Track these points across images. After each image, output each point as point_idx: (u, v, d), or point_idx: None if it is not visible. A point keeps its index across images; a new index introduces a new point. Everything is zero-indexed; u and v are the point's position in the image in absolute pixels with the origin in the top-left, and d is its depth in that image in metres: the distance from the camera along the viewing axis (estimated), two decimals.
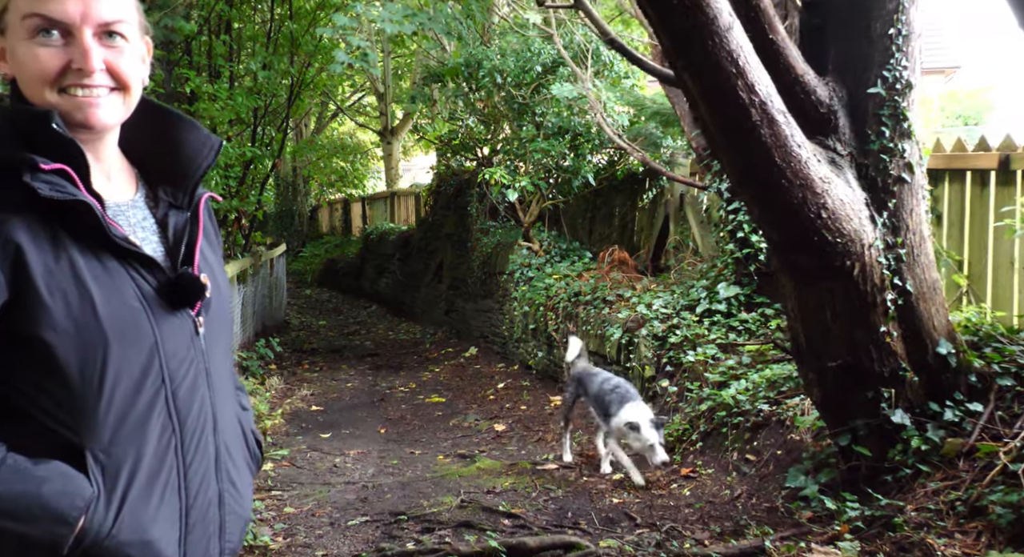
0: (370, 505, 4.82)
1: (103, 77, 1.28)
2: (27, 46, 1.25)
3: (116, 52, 1.29)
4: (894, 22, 3.57)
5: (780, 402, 4.79)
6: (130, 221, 1.35)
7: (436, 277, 12.44)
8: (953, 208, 5.02)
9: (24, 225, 1.19)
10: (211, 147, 1.44)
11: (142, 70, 1.37)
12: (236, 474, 1.42)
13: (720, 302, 6.06)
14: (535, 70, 8.69)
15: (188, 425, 1.31)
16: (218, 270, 1.46)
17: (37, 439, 1.21)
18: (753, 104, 3.30)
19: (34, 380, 1.20)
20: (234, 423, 1.45)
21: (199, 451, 1.33)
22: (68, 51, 1.25)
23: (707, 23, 3.17)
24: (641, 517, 4.33)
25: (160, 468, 1.27)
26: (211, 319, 1.38)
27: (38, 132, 1.24)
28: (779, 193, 3.44)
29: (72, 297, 1.19)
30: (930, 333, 3.71)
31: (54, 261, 1.19)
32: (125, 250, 1.26)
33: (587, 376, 5.48)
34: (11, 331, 1.18)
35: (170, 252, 1.37)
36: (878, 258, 3.61)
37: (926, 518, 3.29)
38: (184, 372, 1.31)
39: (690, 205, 7.75)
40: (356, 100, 23.14)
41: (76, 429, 1.21)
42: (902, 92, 3.62)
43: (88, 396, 1.20)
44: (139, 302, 1.26)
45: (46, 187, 1.19)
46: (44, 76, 1.25)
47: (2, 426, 1.22)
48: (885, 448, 3.72)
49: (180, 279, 1.32)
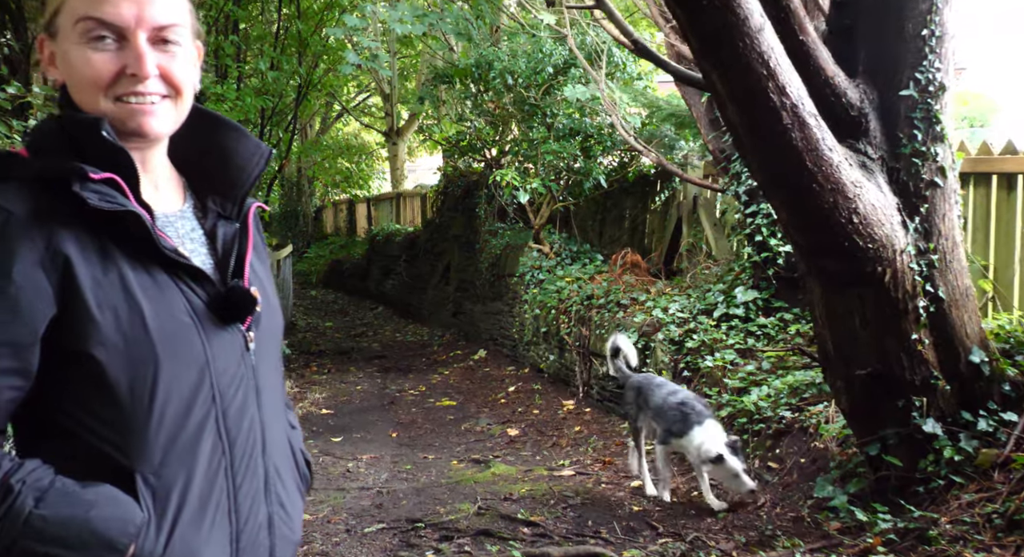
0: (386, 511, 4.75)
1: (157, 83, 1.23)
2: (80, 50, 1.20)
3: (170, 57, 1.24)
4: (927, 22, 3.49)
5: (803, 409, 4.71)
6: (179, 232, 1.30)
7: (443, 279, 12.37)
8: (978, 212, 4.95)
9: (73, 236, 1.14)
10: (261, 155, 1.38)
11: (194, 76, 1.31)
12: (286, 496, 1.35)
13: (738, 306, 5.98)
14: (546, 71, 8.62)
15: (238, 446, 1.25)
16: (267, 283, 1.40)
17: (85, 461, 1.15)
18: (784, 107, 3.24)
19: (82, 399, 1.15)
20: (284, 443, 1.39)
21: (249, 473, 1.27)
22: (122, 56, 1.20)
23: (738, 24, 3.10)
24: (663, 526, 4.26)
25: (211, 491, 1.21)
26: (261, 334, 1.32)
27: (87, 140, 1.19)
28: (809, 197, 3.38)
29: (122, 311, 1.14)
30: (962, 341, 3.64)
31: (103, 274, 1.15)
32: (175, 262, 1.21)
33: (648, 386, 4.90)
34: (59, 347, 1.14)
35: (219, 265, 1.31)
36: (910, 264, 3.54)
37: (962, 531, 3.22)
38: (234, 390, 1.25)
39: (703, 208, 7.68)
40: (361, 100, 23.08)
41: (125, 450, 1.16)
42: (935, 94, 3.55)
43: (138, 415, 1.15)
44: (189, 317, 1.20)
45: (95, 197, 1.14)
46: (97, 82, 1.20)
47: (48, 447, 1.16)
48: (916, 458, 3.65)
49: (231, 293, 1.26)
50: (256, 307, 1.29)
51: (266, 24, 13.25)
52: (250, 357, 1.29)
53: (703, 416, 4.42)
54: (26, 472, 1.11)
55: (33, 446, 1.18)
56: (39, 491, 1.10)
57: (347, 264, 17.33)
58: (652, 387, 4.86)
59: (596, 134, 8.63)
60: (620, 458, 5.66)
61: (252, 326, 1.30)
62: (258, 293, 1.30)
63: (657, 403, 4.73)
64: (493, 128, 10.16)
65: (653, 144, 7.94)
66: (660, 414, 4.68)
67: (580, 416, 6.91)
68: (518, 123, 9.54)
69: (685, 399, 4.59)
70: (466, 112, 10.27)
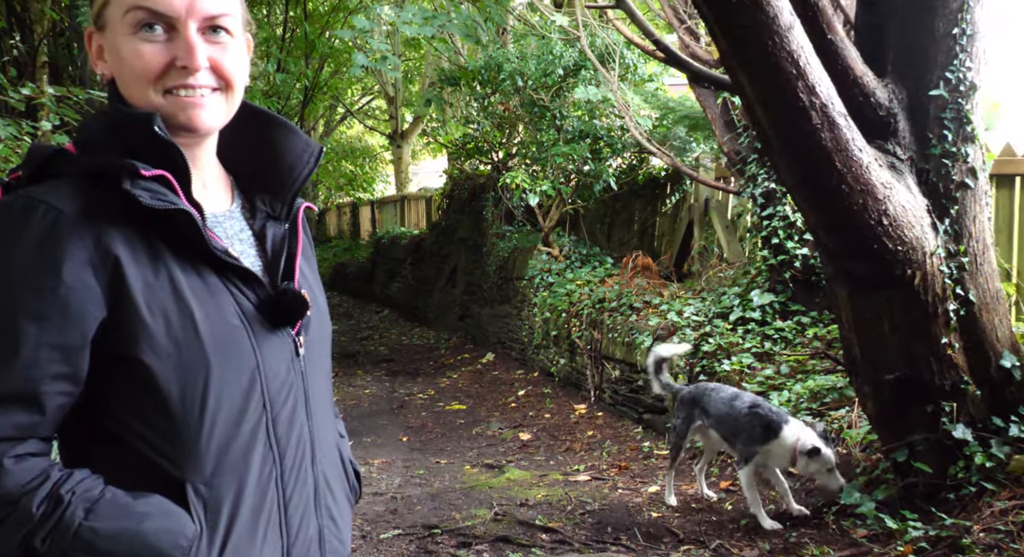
0: (401, 517, 4.68)
1: (207, 76, 1.17)
2: (129, 42, 1.14)
3: (220, 48, 1.19)
4: (958, 21, 3.44)
5: (824, 414, 4.65)
6: (227, 233, 1.25)
7: (450, 282, 12.31)
8: (1001, 214, 4.89)
9: (122, 236, 1.09)
10: (311, 154, 1.32)
11: (246, 68, 1.25)
12: (336, 509, 1.29)
13: (754, 310, 5.92)
14: (557, 73, 8.57)
15: (288, 455, 1.19)
16: (316, 285, 1.34)
17: (134, 471, 1.10)
18: (813, 106, 3.18)
19: (132, 405, 1.10)
20: (334, 452, 1.32)
21: (299, 484, 1.21)
22: (172, 47, 1.15)
23: (767, 22, 3.05)
24: (684, 533, 4.19)
25: (262, 503, 1.15)
26: (311, 339, 1.26)
27: (138, 135, 1.13)
28: (838, 198, 3.32)
29: (173, 315, 1.09)
30: (993, 345, 3.58)
31: (153, 276, 1.09)
32: (225, 263, 1.16)
33: (705, 394, 4.42)
34: (108, 352, 1.08)
35: (268, 267, 1.25)
36: (940, 267, 3.48)
37: (996, 540, 3.15)
38: (284, 397, 1.19)
39: (715, 210, 7.62)
40: (365, 103, 23.05)
41: (176, 460, 1.10)
42: (966, 94, 3.49)
43: (189, 423, 1.10)
44: (240, 320, 1.15)
45: (147, 195, 1.09)
46: (147, 74, 1.14)
47: (98, 456, 1.11)
48: (945, 465, 3.58)
49: (282, 296, 1.20)
50: (307, 310, 1.23)
51: (272, 26, 13.21)
52: (299, 363, 1.23)
53: (783, 414, 4.09)
54: (75, 482, 1.06)
55: (81, 454, 1.13)
56: (89, 502, 1.05)
57: (351, 267, 17.27)
58: (709, 395, 4.40)
59: (606, 136, 8.57)
60: (635, 463, 5.60)
61: (302, 331, 1.25)
62: (308, 296, 1.24)
63: (721, 412, 4.26)
64: (500, 131, 10.11)
65: (665, 146, 7.88)
66: (729, 424, 4.22)
67: (593, 420, 6.84)
68: (526, 125, 9.48)
69: (755, 401, 4.19)
70: (473, 114, 10.23)
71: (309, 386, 1.25)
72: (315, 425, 1.25)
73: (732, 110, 6.33)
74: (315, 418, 1.25)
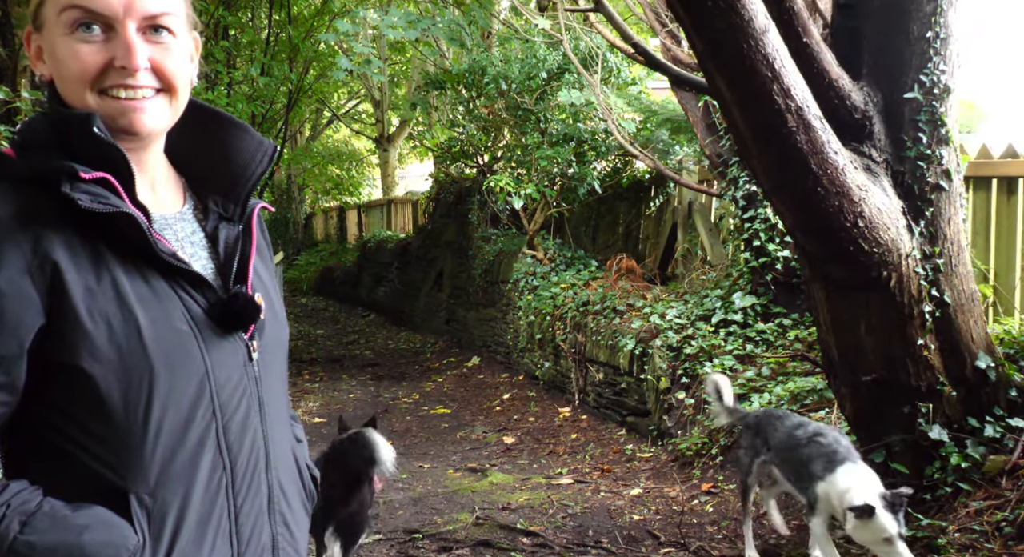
0: (383, 522, 4.67)
1: (148, 77, 1.14)
2: (65, 42, 1.12)
3: (162, 49, 1.16)
4: (932, 24, 3.46)
5: (804, 416, 4.66)
6: (177, 235, 1.22)
7: (436, 285, 12.30)
8: (978, 216, 4.92)
9: (63, 241, 1.06)
10: (264, 153, 1.29)
11: (190, 70, 1.22)
12: (291, 516, 1.27)
13: (736, 312, 5.94)
14: (540, 76, 8.58)
15: (240, 463, 1.17)
16: (271, 288, 1.31)
17: (75, 481, 1.08)
18: (789, 109, 3.19)
19: (73, 414, 1.07)
20: (289, 458, 1.31)
21: (251, 491, 1.19)
22: (110, 48, 1.12)
23: (742, 26, 3.05)
24: (665, 535, 4.20)
25: (210, 512, 1.13)
26: (265, 343, 1.24)
27: (78, 137, 1.10)
28: (814, 201, 3.32)
29: (116, 321, 1.06)
30: (968, 346, 3.60)
31: (96, 281, 1.07)
32: (173, 267, 1.13)
33: (768, 421, 3.73)
34: (47, 359, 1.05)
35: (221, 269, 1.23)
36: (915, 268, 3.50)
37: (971, 540, 3.17)
38: (236, 403, 1.17)
39: (699, 213, 7.64)
40: (351, 107, 23.01)
41: (119, 469, 1.08)
42: (940, 97, 3.51)
43: (133, 432, 1.07)
44: (188, 325, 1.12)
45: (87, 198, 1.06)
46: (84, 75, 1.11)
47: (37, 467, 1.09)
48: (922, 465, 3.60)
49: (233, 300, 1.18)
50: (260, 315, 1.21)
51: (256, 30, 13.18)
52: (253, 368, 1.21)
53: (850, 453, 3.26)
54: (11, 494, 1.04)
55: (20, 466, 1.10)
56: (24, 515, 1.02)
57: (338, 271, 17.23)
58: (772, 422, 3.70)
59: (590, 139, 8.59)
60: (618, 466, 5.60)
61: (255, 335, 1.22)
62: (262, 300, 1.22)
63: (782, 441, 3.56)
64: (485, 134, 10.12)
65: (648, 149, 7.90)
66: (789, 460, 3.50)
67: (576, 423, 6.84)
68: (511, 129, 9.49)
69: (820, 430, 3.43)
70: (458, 118, 10.23)
71: (263, 391, 1.23)
72: (269, 430, 1.23)
73: (714, 113, 6.36)
74: (269, 423, 1.23)
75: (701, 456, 5.11)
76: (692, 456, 5.15)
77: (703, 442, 5.15)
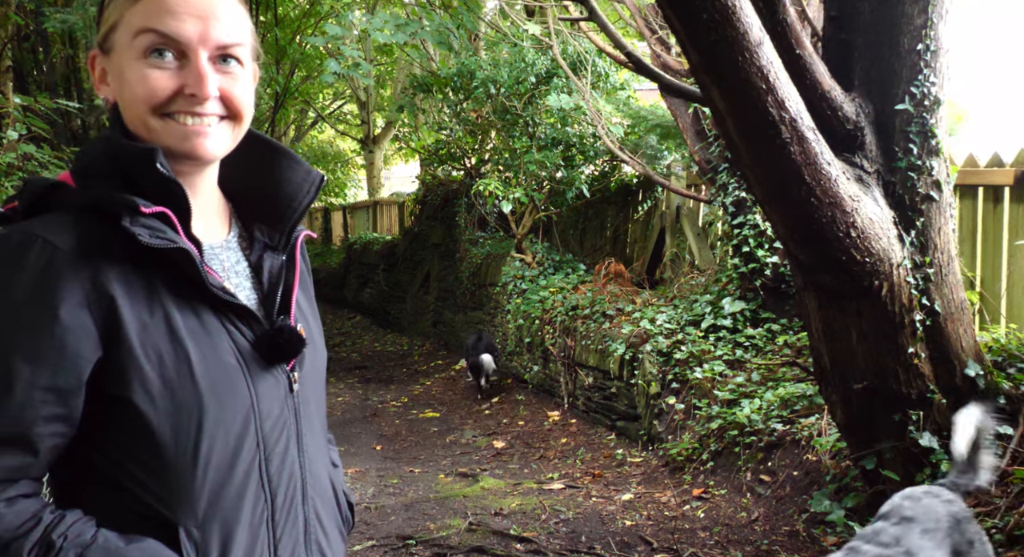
0: (375, 528, 4.67)
1: (215, 105, 1.15)
2: (136, 66, 1.13)
3: (231, 78, 1.17)
4: (923, 37, 3.50)
5: (794, 421, 4.71)
6: (224, 265, 1.23)
7: (423, 288, 12.29)
8: (964, 224, 4.98)
9: (119, 274, 1.07)
10: (312, 183, 1.30)
11: (253, 98, 1.24)
12: (326, 543, 1.28)
13: (725, 317, 5.98)
14: (529, 81, 8.60)
15: (279, 494, 1.18)
16: (311, 317, 1.33)
17: (127, 513, 1.09)
18: (783, 121, 3.22)
19: (125, 445, 1.08)
20: (325, 485, 1.30)
21: (289, 523, 1.20)
22: (182, 75, 1.13)
23: (737, 38, 3.08)
24: (657, 541, 4.23)
25: (254, 546, 1.15)
26: (305, 374, 1.25)
27: (140, 170, 1.12)
28: (808, 211, 3.36)
29: (168, 356, 1.07)
30: (958, 354, 3.64)
31: (149, 315, 1.08)
32: (222, 301, 1.14)
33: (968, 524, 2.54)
34: (101, 391, 1.06)
35: (264, 300, 1.24)
36: (906, 278, 3.54)
37: None
38: (278, 435, 1.18)
39: (687, 218, 7.69)
40: (337, 108, 22.95)
41: (169, 502, 1.09)
42: (930, 108, 3.56)
43: (183, 466, 1.08)
44: (235, 359, 1.14)
45: (147, 233, 1.07)
46: (152, 100, 1.12)
47: (90, 496, 1.10)
48: (912, 472, 3.64)
49: (278, 333, 1.18)
50: (303, 348, 1.22)
51: None
52: (293, 399, 1.22)
53: None
54: (67, 526, 1.04)
55: (74, 493, 1.12)
56: (81, 548, 1.03)
57: (323, 273, 17.18)
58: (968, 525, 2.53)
59: (578, 143, 8.62)
60: (609, 471, 5.63)
61: (296, 366, 1.23)
62: (304, 331, 1.23)
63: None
64: (473, 137, 10.12)
65: (637, 154, 7.94)
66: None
67: (566, 427, 6.87)
68: (499, 132, 9.50)
69: None
70: (445, 121, 10.23)
71: (302, 422, 1.23)
72: (307, 461, 1.24)
73: (703, 119, 6.40)
74: (307, 454, 1.24)
75: (692, 461, 5.14)
76: (683, 461, 5.19)
77: (694, 447, 5.19)
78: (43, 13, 8.09)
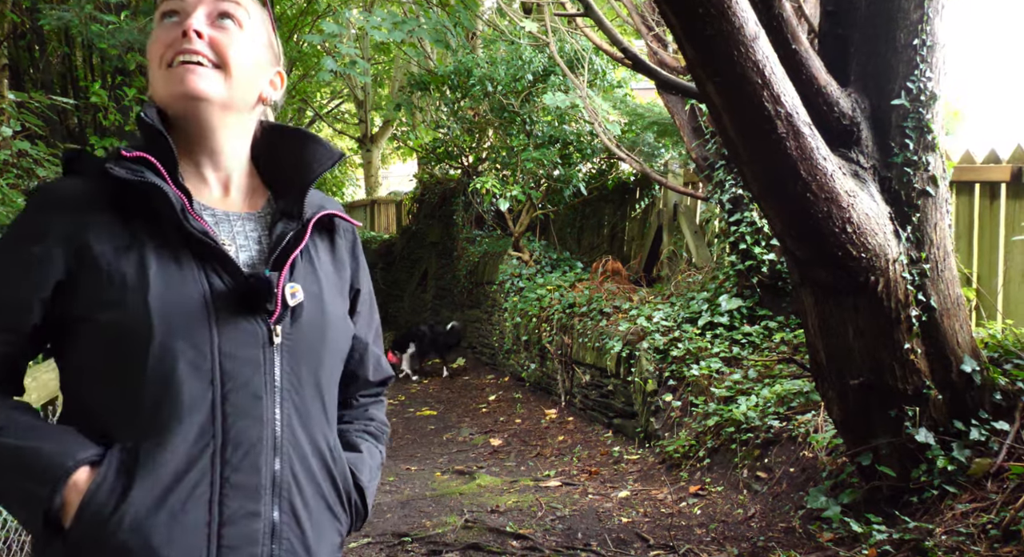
0: (371, 525, 4.66)
1: (204, 46, 1.26)
2: (154, 34, 1.29)
3: (224, 32, 1.28)
4: (919, 32, 3.49)
5: (791, 418, 4.70)
6: (233, 229, 1.31)
7: (421, 286, 12.29)
8: (961, 220, 4.98)
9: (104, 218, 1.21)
10: (331, 157, 1.39)
11: (258, 74, 1.33)
12: (305, 512, 1.26)
13: (722, 315, 5.98)
14: (526, 79, 8.59)
15: (233, 433, 1.19)
16: (328, 289, 1.35)
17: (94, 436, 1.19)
18: (779, 116, 3.21)
19: (89, 367, 1.20)
20: (317, 455, 1.29)
21: (245, 466, 1.20)
22: (180, 26, 1.27)
23: (733, 33, 3.07)
24: (653, 538, 4.22)
25: (187, 471, 1.16)
26: (299, 334, 1.27)
27: (141, 128, 1.26)
28: (804, 207, 3.35)
29: (130, 282, 1.17)
30: (954, 350, 3.63)
31: (124, 251, 1.19)
32: (204, 247, 1.21)
33: None
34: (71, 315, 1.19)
35: (266, 261, 1.30)
36: (902, 273, 3.53)
37: (958, 542, 3.20)
38: (245, 378, 1.20)
39: (684, 215, 7.68)
40: (334, 107, 22.92)
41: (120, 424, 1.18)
42: (926, 104, 3.55)
43: (129, 384, 1.17)
44: (203, 298, 1.20)
45: (124, 172, 1.19)
46: (158, 51, 1.27)
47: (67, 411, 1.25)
48: (908, 468, 3.64)
49: (250, 280, 1.23)
50: (271, 297, 1.23)
51: None
52: (272, 351, 1.24)
53: None
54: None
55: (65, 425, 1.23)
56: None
57: None
58: None
59: (576, 141, 8.61)
60: (606, 468, 5.62)
61: (286, 322, 1.26)
62: (298, 290, 1.27)
63: None
64: (470, 135, 10.12)
65: (634, 152, 7.93)
66: None
67: (563, 425, 6.86)
68: (496, 130, 9.50)
69: None
70: (443, 119, 10.22)
71: (285, 378, 1.24)
72: (287, 417, 1.24)
73: (700, 116, 6.39)
74: (288, 410, 1.25)
75: (688, 458, 5.13)
76: (679, 458, 5.18)
77: (690, 444, 5.18)
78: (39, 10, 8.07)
